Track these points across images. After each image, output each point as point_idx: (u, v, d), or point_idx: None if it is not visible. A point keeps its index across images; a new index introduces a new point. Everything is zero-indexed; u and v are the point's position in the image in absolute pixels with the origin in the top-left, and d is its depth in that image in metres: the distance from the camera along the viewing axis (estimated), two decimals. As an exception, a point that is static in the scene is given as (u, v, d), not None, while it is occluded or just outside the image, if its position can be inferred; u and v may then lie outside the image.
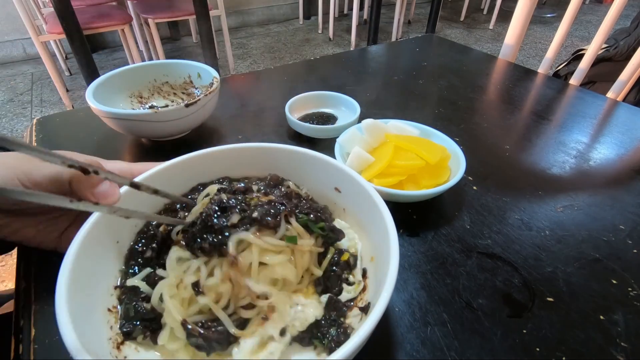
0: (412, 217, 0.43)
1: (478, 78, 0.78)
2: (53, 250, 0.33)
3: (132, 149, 0.54)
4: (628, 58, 0.83)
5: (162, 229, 0.31)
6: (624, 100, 0.95)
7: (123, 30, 1.93)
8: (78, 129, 0.58)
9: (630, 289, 0.35)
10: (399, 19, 2.99)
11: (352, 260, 0.32)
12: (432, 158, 0.42)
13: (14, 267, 0.36)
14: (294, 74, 0.79)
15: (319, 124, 0.57)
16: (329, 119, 0.60)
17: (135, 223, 0.32)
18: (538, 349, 0.30)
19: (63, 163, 0.22)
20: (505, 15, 3.42)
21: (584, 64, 0.86)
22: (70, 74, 2.48)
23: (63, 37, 1.67)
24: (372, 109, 0.65)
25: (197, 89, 0.62)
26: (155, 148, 0.55)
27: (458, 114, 0.64)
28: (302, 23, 3.45)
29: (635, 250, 0.39)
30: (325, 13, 3.16)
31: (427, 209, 0.44)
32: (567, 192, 0.47)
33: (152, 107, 0.60)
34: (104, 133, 0.56)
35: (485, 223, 0.42)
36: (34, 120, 0.60)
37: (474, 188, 0.47)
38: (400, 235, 0.40)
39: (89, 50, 1.69)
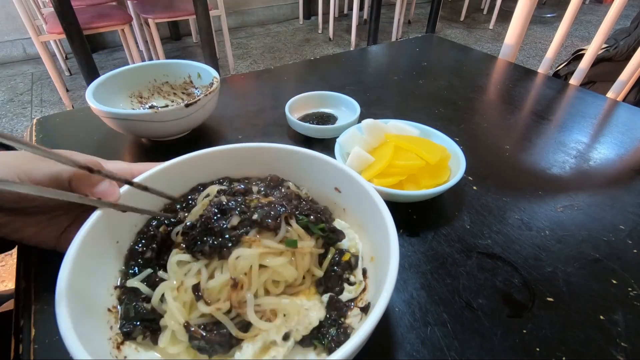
0: (412, 217, 0.43)
1: (478, 78, 0.78)
2: (53, 250, 0.33)
3: (132, 149, 0.54)
4: (628, 58, 0.83)
5: (162, 230, 0.31)
6: (624, 100, 0.95)
7: (123, 30, 1.93)
8: (78, 129, 0.58)
9: (630, 289, 0.35)
10: (399, 19, 2.99)
11: (353, 261, 0.32)
12: (432, 158, 0.42)
13: (14, 267, 0.36)
14: (294, 74, 0.79)
15: (319, 124, 0.57)
16: (329, 119, 0.60)
17: (135, 223, 0.32)
18: (538, 349, 0.30)
19: (66, 162, 0.22)
20: (505, 15, 3.42)
21: (584, 64, 0.86)
22: (70, 74, 2.48)
23: (63, 37, 1.67)
24: (372, 109, 0.65)
25: (197, 89, 0.62)
26: (155, 148, 0.55)
27: (458, 114, 0.64)
28: (302, 23, 3.45)
29: (635, 250, 0.39)
30: (325, 13, 3.16)
31: (427, 209, 0.44)
32: (567, 192, 0.47)
33: (152, 107, 0.60)
34: (104, 133, 0.56)
35: (485, 223, 0.42)
36: (34, 120, 0.60)
37: (474, 188, 0.47)
38: (400, 235, 0.40)
39: (89, 50, 1.69)
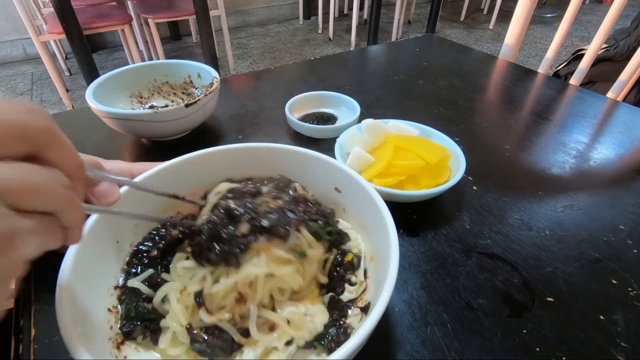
0: (412, 217, 0.43)
1: (478, 78, 0.78)
2: (53, 250, 0.33)
3: (132, 149, 0.54)
4: (628, 58, 0.83)
5: (174, 233, 0.31)
6: (624, 100, 0.95)
7: (123, 30, 1.93)
8: (78, 129, 0.58)
9: (630, 289, 0.35)
10: (399, 19, 2.99)
11: (355, 261, 0.32)
12: (432, 158, 0.42)
13: (14, 267, 0.36)
14: (294, 74, 0.79)
15: (319, 124, 0.57)
16: (329, 119, 0.60)
17: (136, 223, 0.32)
18: (538, 349, 0.30)
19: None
20: (505, 15, 3.42)
21: (584, 64, 0.86)
22: (70, 74, 2.48)
23: (63, 37, 1.67)
24: (372, 109, 0.65)
25: (197, 89, 0.62)
26: (155, 148, 0.55)
27: (458, 114, 0.64)
28: (302, 23, 3.45)
29: (635, 250, 0.39)
30: (325, 13, 3.16)
31: (427, 209, 0.44)
32: (567, 192, 0.47)
33: (152, 107, 0.60)
34: (104, 133, 0.56)
35: (485, 223, 0.42)
36: (34, 120, 0.59)
37: (474, 188, 0.47)
38: (400, 235, 0.40)
39: (89, 50, 1.69)
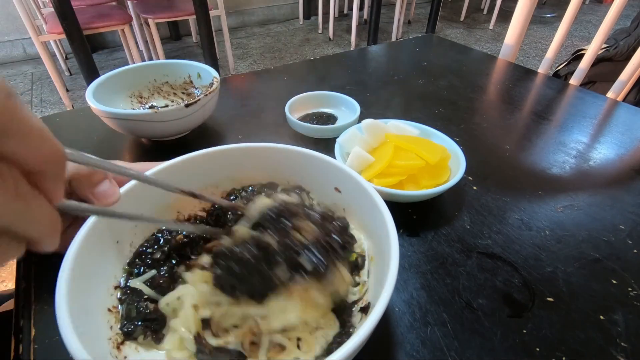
0: (412, 217, 0.43)
1: (478, 78, 0.78)
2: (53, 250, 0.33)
3: (132, 149, 0.54)
4: (628, 58, 0.83)
5: (179, 237, 0.31)
6: (624, 100, 0.95)
7: (123, 30, 1.93)
8: (78, 129, 0.58)
9: (630, 289, 0.35)
10: (399, 19, 2.99)
11: (359, 261, 0.32)
12: (432, 158, 0.42)
13: (14, 267, 0.36)
14: (294, 74, 0.79)
15: (319, 124, 0.57)
16: (329, 119, 0.60)
17: (135, 223, 0.32)
18: (538, 349, 0.30)
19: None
20: (505, 15, 3.42)
21: (584, 64, 0.86)
22: (70, 74, 2.48)
23: (63, 37, 1.67)
24: (372, 109, 0.65)
25: (197, 89, 0.62)
26: (155, 148, 0.55)
27: (458, 114, 0.64)
28: (302, 23, 3.45)
29: (635, 250, 0.39)
30: (325, 13, 3.16)
31: (427, 209, 0.44)
32: (567, 192, 0.47)
33: (152, 107, 0.60)
34: (104, 133, 0.56)
35: (485, 223, 0.42)
36: (34, 120, 0.59)
37: (474, 188, 0.47)
38: (400, 235, 0.40)
39: (89, 50, 1.69)
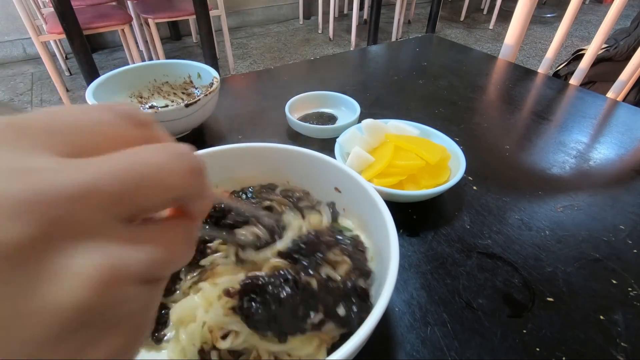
0: (412, 217, 0.43)
1: (478, 78, 0.78)
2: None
3: (132, 149, 0.54)
4: (628, 58, 0.83)
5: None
6: (624, 100, 0.95)
7: (123, 30, 1.93)
8: (78, 129, 0.58)
9: (630, 289, 0.35)
10: (399, 19, 2.99)
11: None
12: (432, 158, 0.42)
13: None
14: (294, 74, 0.79)
15: (319, 124, 0.57)
16: (329, 119, 0.60)
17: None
18: (538, 349, 0.30)
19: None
20: (505, 15, 3.42)
21: (584, 64, 0.86)
22: (70, 74, 2.47)
23: (63, 37, 1.66)
24: (372, 109, 0.65)
25: (197, 89, 0.62)
26: (155, 148, 0.54)
27: (458, 114, 0.64)
28: (302, 23, 3.45)
29: (635, 250, 0.39)
30: (325, 13, 3.16)
31: (427, 209, 0.44)
32: (567, 192, 0.47)
33: (152, 107, 0.60)
34: (104, 133, 0.56)
35: (485, 223, 0.42)
36: (34, 120, 0.59)
37: (474, 188, 0.47)
38: (400, 235, 0.40)
39: (89, 50, 1.69)
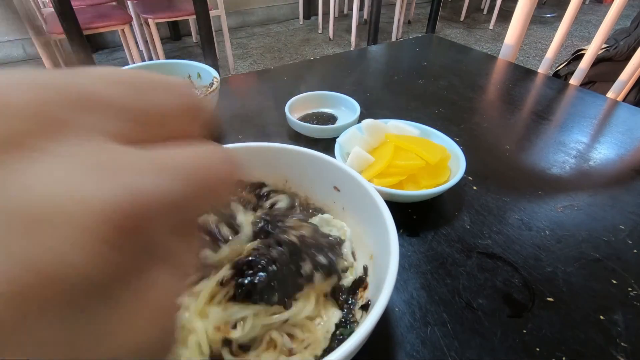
0: (412, 217, 0.43)
1: (478, 78, 0.78)
2: None
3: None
4: (628, 58, 0.83)
5: None
6: (624, 100, 0.95)
7: (123, 30, 1.93)
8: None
9: (630, 289, 0.35)
10: (399, 19, 2.99)
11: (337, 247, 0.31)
12: (432, 158, 0.42)
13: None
14: (294, 74, 0.79)
15: (319, 124, 0.57)
16: (329, 119, 0.60)
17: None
18: (538, 349, 0.30)
19: None
20: (505, 15, 3.42)
21: (584, 64, 0.86)
22: (70, 74, 2.47)
23: (63, 37, 1.67)
24: (372, 109, 0.65)
25: (197, 89, 0.62)
26: (155, 148, 0.54)
27: (458, 114, 0.64)
28: (302, 23, 3.45)
29: (635, 250, 0.39)
30: (325, 13, 3.16)
31: (427, 209, 0.44)
32: (567, 192, 0.47)
33: (152, 107, 0.60)
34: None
35: (485, 223, 0.42)
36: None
37: (474, 188, 0.47)
38: (400, 235, 0.40)
39: (89, 50, 1.69)
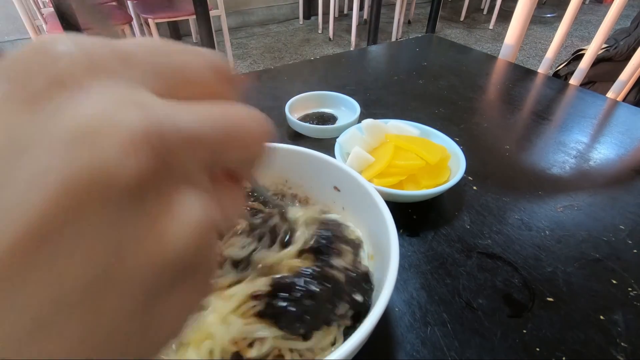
0: (412, 217, 0.43)
1: (478, 78, 0.78)
2: None
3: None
4: (628, 58, 0.83)
5: None
6: (624, 100, 0.95)
7: (123, 30, 1.93)
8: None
9: (630, 289, 0.35)
10: (399, 19, 2.99)
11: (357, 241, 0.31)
12: (432, 158, 0.42)
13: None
14: (294, 74, 0.79)
15: (319, 124, 0.57)
16: (329, 119, 0.60)
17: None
18: (538, 349, 0.30)
19: None
20: (505, 15, 3.42)
21: (584, 64, 0.86)
22: (70, 74, 2.47)
23: (63, 37, 1.67)
24: (372, 109, 0.65)
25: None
26: (155, 148, 0.54)
27: (458, 114, 0.64)
28: (302, 23, 3.45)
29: (635, 250, 0.39)
30: (325, 13, 3.16)
31: (427, 209, 0.44)
32: (567, 192, 0.47)
33: (152, 107, 0.60)
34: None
35: (485, 223, 0.42)
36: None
37: (474, 188, 0.47)
38: (400, 235, 0.40)
39: (89, 50, 1.69)
